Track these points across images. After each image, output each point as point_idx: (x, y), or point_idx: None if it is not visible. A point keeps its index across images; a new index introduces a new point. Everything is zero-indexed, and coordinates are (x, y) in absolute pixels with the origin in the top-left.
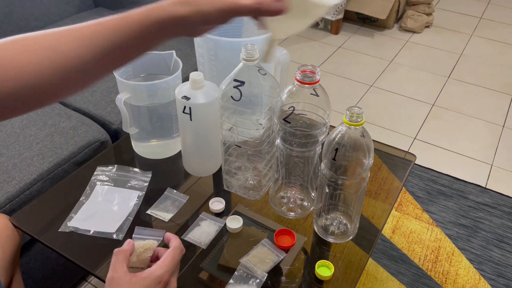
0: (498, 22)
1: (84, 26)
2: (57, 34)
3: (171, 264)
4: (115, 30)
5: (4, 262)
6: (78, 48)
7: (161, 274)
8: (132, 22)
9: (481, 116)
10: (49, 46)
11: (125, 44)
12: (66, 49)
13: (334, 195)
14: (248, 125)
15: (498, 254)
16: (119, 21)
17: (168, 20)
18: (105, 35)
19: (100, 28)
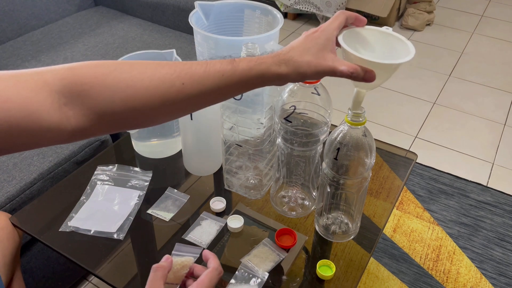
0: (500, 20)
1: (194, 67)
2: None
3: (208, 286)
4: (221, 76)
5: (5, 261)
6: (187, 87)
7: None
8: (239, 72)
9: (483, 115)
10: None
11: (227, 89)
12: (177, 83)
13: (336, 195)
14: (249, 124)
15: (499, 253)
16: (226, 67)
17: (269, 76)
18: (212, 78)
19: (209, 72)
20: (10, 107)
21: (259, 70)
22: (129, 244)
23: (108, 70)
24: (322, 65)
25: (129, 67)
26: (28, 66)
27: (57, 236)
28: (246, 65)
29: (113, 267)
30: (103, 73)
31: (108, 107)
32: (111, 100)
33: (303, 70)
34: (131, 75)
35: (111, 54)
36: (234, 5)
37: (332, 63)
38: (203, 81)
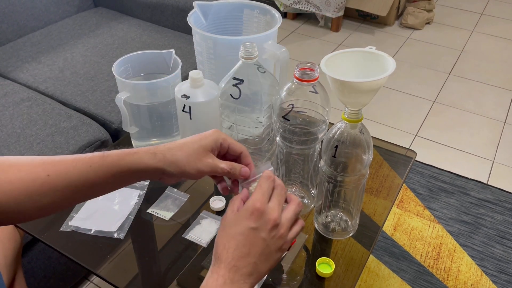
0: (499, 18)
1: (64, 159)
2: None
3: (261, 192)
4: (89, 167)
5: (6, 261)
6: (53, 179)
7: (251, 204)
8: (109, 161)
9: (483, 113)
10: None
11: (97, 182)
12: (42, 175)
13: (334, 192)
14: (247, 123)
15: (500, 251)
16: (96, 157)
17: (142, 168)
18: (79, 170)
19: (76, 164)
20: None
21: (130, 161)
22: (130, 243)
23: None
24: (202, 162)
25: (5, 160)
26: (28, 67)
27: (58, 236)
28: (116, 155)
29: (114, 266)
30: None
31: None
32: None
33: (180, 165)
34: (1, 169)
35: (110, 55)
36: (233, 5)
37: (212, 161)
38: (69, 173)
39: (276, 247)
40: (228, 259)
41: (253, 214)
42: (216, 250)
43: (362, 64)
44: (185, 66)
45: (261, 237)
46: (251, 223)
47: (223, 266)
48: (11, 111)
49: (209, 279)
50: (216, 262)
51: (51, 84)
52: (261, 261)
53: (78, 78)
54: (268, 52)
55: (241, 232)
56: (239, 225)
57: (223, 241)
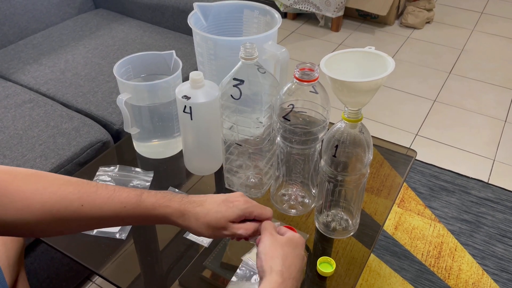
0: (500, 16)
1: (100, 192)
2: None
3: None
4: (124, 207)
5: (9, 262)
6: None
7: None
8: (143, 207)
9: (483, 111)
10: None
11: (127, 219)
12: (76, 204)
13: (335, 192)
14: (248, 124)
15: (501, 249)
16: (132, 199)
17: (171, 221)
18: (114, 208)
19: (112, 200)
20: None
21: (162, 213)
22: (132, 244)
23: (12, 178)
24: (221, 233)
25: (36, 178)
26: (30, 69)
27: (60, 237)
28: (151, 204)
29: (116, 267)
30: (6, 179)
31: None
32: (4, 208)
33: (201, 232)
34: (33, 188)
35: (111, 56)
36: (233, 6)
37: (229, 232)
38: (103, 208)
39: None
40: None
41: (304, 243)
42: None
43: (361, 64)
44: (185, 67)
45: (303, 260)
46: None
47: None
48: (13, 113)
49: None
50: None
51: (52, 85)
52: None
53: (79, 80)
54: (268, 52)
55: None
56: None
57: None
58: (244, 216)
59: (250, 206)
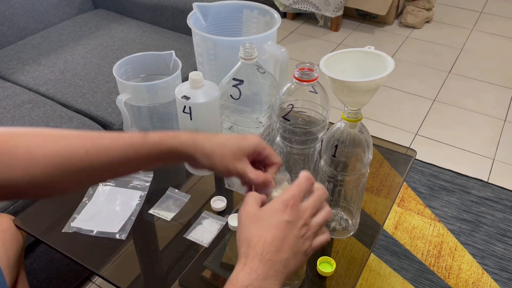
0: (499, 16)
1: (103, 136)
2: (77, 137)
3: (298, 189)
4: (130, 146)
5: (9, 262)
6: (92, 156)
7: (286, 198)
8: (150, 143)
9: (483, 111)
10: (65, 147)
11: (136, 161)
12: (81, 151)
13: (335, 191)
14: (248, 124)
15: (501, 248)
16: (137, 139)
17: (181, 153)
18: (120, 149)
19: (117, 142)
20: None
21: (171, 144)
22: (132, 244)
23: (11, 135)
24: (234, 165)
25: (35, 133)
26: (29, 69)
27: (60, 237)
28: (157, 138)
29: (116, 267)
30: (5, 137)
31: (4, 173)
32: (8, 166)
33: (214, 160)
34: (34, 142)
35: (110, 56)
36: (232, 6)
37: (244, 167)
38: (109, 151)
39: (303, 248)
40: (264, 252)
41: (287, 207)
42: (249, 242)
43: (361, 64)
44: (185, 67)
45: (293, 233)
46: (286, 216)
47: (258, 260)
48: (13, 114)
49: (240, 272)
50: (249, 255)
51: (52, 86)
52: (291, 258)
53: (78, 80)
54: (268, 52)
55: (276, 225)
56: (274, 218)
57: (257, 233)
58: (258, 150)
59: (264, 143)
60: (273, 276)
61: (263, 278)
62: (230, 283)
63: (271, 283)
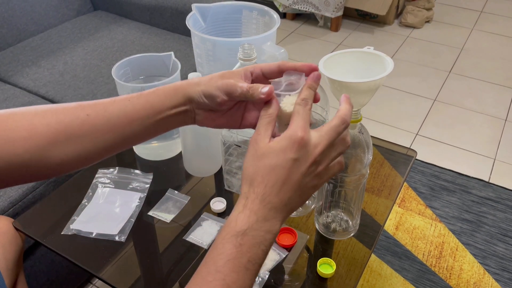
0: (499, 15)
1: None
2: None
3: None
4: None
5: (8, 265)
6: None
7: (293, 132)
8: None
9: (483, 110)
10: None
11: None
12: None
13: (335, 192)
14: None
15: (502, 249)
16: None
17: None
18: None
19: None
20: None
21: (167, 89)
22: (131, 246)
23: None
24: (224, 81)
25: (31, 109)
26: (28, 71)
27: (59, 239)
28: (153, 89)
29: (116, 269)
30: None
31: (9, 148)
32: (11, 140)
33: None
34: (32, 114)
35: (110, 58)
36: (231, 7)
37: (233, 81)
38: (108, 109)
39: (311, 184)
40: (266, 194)
41: (294, 143)
42: (251, 182)
43: (360, 64)
44: (184, 68)
45: (300, 171)
46: (292, 154)
47: (258, 201)
48: None
49: (239, 215)
50: (250, 196)
51: (51, 88)
52: (295, 197)
53: (78, 82)
54: (267, 53)
55: (282, 165)
56: (280, 156)
57: (261, 172)
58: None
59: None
60: (274, 217)
61: (263, 220)
62: (229, 226)
63: (271, 223)
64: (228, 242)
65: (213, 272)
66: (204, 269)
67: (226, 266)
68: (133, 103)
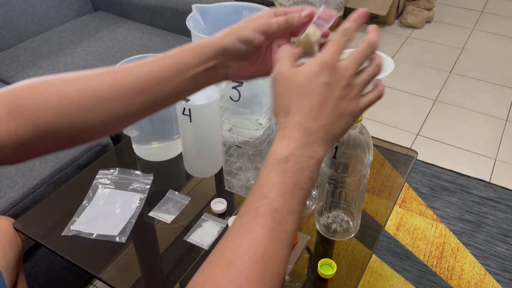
0: (500, 15)
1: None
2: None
3: (333, 47)
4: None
5: (8, 265)
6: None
7: (322, 58)
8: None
9: (484, 111)
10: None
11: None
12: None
13: (335, 193)
14: (247, 125)
15: (503, 249)
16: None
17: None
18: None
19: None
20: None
21: (192, 45)
22: (132, 247)
23: (41, 81)
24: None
25: (62, 75)
26: (29, 72)
27: (60, 240)
28: (177, 48)
29: (116, 270)
30: (35, 85)
31: (42, 115)
32: (43, 108)
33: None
34: (63, 81)
35: (110, 59)
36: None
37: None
38: (134, 71)
39: (348, 109)
40: (303, 121)
41: (324, 68)
42: (286, 112)
43: None
44: None
45: (334, 95)
46: (323, 78)
47: (297, 129)
48: None
49: (279, 144)
50: (288, 125)
51: None
52: (333, 123)
53: None
54: None
55: (314, 90)
56: (311, 82)
57: (295, 101)
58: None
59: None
60: (315, 143)
61: (304, 146)
62: (269, 157)
63: (312, 150)
64: (271, 170)
65: (259, 198)
66: (250, 198)
67: (272, 192)
68: (159, 63)
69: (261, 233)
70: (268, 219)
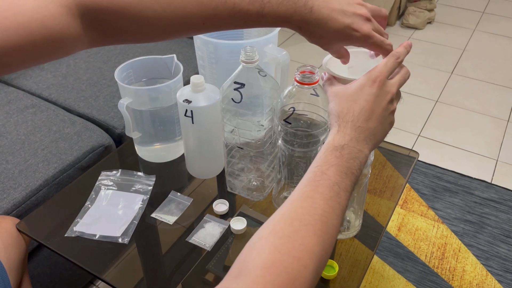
0: (501, 16)
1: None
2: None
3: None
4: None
5: (11, 266)
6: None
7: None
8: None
9: (486, 111)
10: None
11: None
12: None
13: None
14: (249, 127)
15: (505, 250)
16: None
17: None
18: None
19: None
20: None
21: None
22: (134, 248)
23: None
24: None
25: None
26: (32, 74)
27: (63, 241)
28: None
29: (119, 271)
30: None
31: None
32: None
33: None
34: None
35: (113, 61)
36: None
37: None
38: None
39: (389, 120)
40: (355, 120)
41: (375, 82)
42: (339, 114)
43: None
44: (186, 71)
45: (381, 106)
46: (373, 90)
47: (350, 126)
48: (15, 118)
49: (335, 135)
50: (342, 123)
51: (54, 90)
52: (379, 128)
53: (81, 84)
54: (269, 55)
55: (365, 98)
56: (363, 91)
57: (347, 105)
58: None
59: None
60: (364, 140)
61: (356, 141)
62: (327, 144)
63: (362, 146)
64: (330, 154)
65: (319, 174)
66: (309, 175)
67: (331, 170)
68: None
69: (320, 199)
70: (327, 190)
